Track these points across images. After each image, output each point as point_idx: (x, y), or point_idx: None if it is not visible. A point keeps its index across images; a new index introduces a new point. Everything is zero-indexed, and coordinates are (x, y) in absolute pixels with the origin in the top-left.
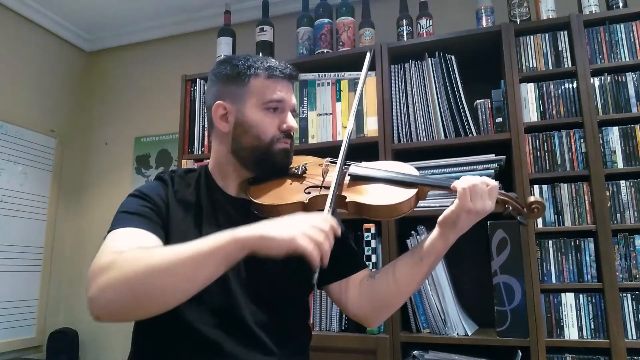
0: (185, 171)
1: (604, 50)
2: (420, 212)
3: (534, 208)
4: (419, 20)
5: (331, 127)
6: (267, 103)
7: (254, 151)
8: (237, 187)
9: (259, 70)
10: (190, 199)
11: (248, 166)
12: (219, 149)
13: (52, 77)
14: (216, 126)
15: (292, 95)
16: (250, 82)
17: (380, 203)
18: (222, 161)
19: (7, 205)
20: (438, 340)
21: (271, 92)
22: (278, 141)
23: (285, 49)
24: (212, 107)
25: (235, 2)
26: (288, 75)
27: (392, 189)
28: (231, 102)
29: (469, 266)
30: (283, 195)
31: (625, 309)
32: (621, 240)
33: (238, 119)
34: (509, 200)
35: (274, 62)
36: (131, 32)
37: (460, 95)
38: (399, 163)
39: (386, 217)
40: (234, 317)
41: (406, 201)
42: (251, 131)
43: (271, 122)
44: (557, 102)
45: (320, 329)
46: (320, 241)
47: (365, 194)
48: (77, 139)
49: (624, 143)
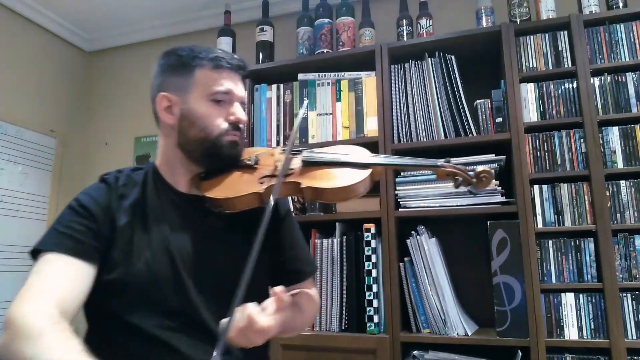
0: (132, 169)
1: (604, 50)
2: (420, 212)
3: (482, 177)
4: (419, 20)
5: (331, 127)
6: (213, 95)
7: (201, 144)
8: (187, 183)
9: (204, 61)
10: (135, 200)
11: (197, 160)
12: (166, 143)
13: (52, 77)
14: (161, 118)
15: (241, 87)
16: (195, 73)
17: (336, 185)
18: (170, 156)
19: (7, 205)
20: (438, 340)
21: (217, 83)
22: (226, 134)
23: (285, 49)
24: (156, 98)
25: (235, 2)
26: (235, 66)
27: (347, 171)
28: (175, 94)
29: (469, 266)
30: (237, 187)
31: (625, 309)
32: (621, 240)
33: (183, 111)
34: (457, 172)
35: (220, 52)
36: (131, 32)
37: (460, 95)
38: (352, 146)
39: (343, 199)
40: (193, 319)
41: (361, 182)
42: (197, 123)
43: (218, 114)
44: (557, 102)
45: (320, 329)
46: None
47: (320, 179)
48: (77, 139)
49: (624, 143)
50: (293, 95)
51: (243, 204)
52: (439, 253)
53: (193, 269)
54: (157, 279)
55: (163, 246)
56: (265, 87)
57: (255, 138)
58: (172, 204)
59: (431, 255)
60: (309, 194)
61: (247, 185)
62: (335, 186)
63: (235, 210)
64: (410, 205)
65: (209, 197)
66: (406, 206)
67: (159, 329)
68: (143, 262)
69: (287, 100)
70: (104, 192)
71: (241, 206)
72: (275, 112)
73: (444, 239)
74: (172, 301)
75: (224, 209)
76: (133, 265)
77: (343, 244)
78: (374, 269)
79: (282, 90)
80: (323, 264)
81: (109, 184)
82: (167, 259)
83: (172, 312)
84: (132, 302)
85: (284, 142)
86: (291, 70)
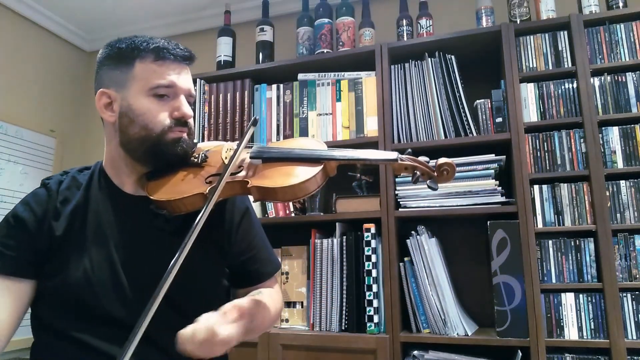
0: (78, 170)
1: (604, 50)
2: (421, 212)
3: (444, 170)
4: (419, 20)
5: (331, 127)
6: (153, 89)
7: (143, 143)
8: (134, 184)
9: (144, 52)
10: (77, 204)
11: (140, 160)
12: (109, 142)
13: (52, 77)
14: (102, 117)
15: (186, 78)
16: (135, 66)
17: (283, 184)
18: (113, 155)
19: (7, 205)
20: (438, 340)
21: (158, 76)
22: (170, 130)
23: (285, 49)
24: (96, 95)
25: (235, 2)
26: (180, 56)
27: (296, 168)
28: (115, 89)
29: (469, 266)
30: (182, 187)
31: (625, 309)
32: (621, 240)
33: (123, 107)
34: (417, 166)
35: (162, 42)
36: (131, 32)
37: (460, 95)
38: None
39: (293, 198)
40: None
41: (311, 178)
42: (138, 120)
43: (160, 109)
44: (557, 102)
45: (320, 329)
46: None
47: (268, 177)
48: (77, 139)
49: (624, 143)
50: (293, 95)
51: (188, 206)
52: (439, 253)
53: (136, 276)
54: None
55: (104, 252)
56: (265, 87)
57: (255, 138)
58: (117, 207)
59: (431, 255)
60: (257, 193)
61: (192, 186)
62: (283, 185)
63: (180, 212)
64: (410, 205)
65: (153, 199)
66: (406, 206)
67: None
68: (81, 271)
69: (287, 100)
70: (43, 200)
71: (186, 208)
72: (275, 112)
73: (444, 239)
74: (113, 310)
75: (169, 211)
76: (70, 276)
77: (343, 244)
78: (374, 269)
79: (282, 90)
80: (323, 264)
81: (49, 189)
82: (107, 266)
83: (113, 321)
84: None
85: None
86: (291, 70)
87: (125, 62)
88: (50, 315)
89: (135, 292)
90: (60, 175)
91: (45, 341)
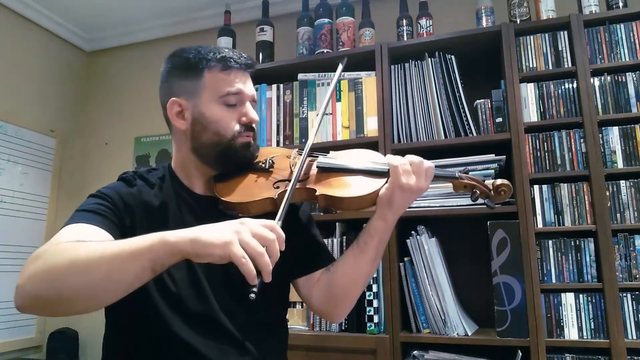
0: (147, 170)
1: (604, 50)
2: (421, 212)
3: (501, 191)
4: (419, 20)
5: (331, 127)
6: (223, 96)
7: (215, 148)
8: (203, 185)
9: (212, 62)
10: (154, 200)
11: (211, 163)
12: (180, 148)
13: (52, 77)
14: (173, 124)
15: (250, 85)
16: (204, 76)
17: (351, 195)
18: (185, 160)
19: (7, 205)
20: (438, 340)
21: (227, 84)
22: (239, 135)
23: (285, 49)
24: (167, 104)
25: (235, 2)
26: (244, 64)
27: (363, 179)
28: (186, 98)
29: (469, 266)
30: (251, 191)
31: (625, 309)
32: (621, 240)
33: (195, 115)
34: (476, 185)
35: (227, 51)
36: (131, 32)
37: (460, 95)
38: (369, 151)
39: (357, 208)
40: (211, 321)
41: (377, 191)
42: (210, 127)
43: (230, 116)
44: (557, 102)
45: (320, 329)
46: (258, 252)
47: (335, 186)
48: (77, 139)
49: (624, 143)
50: (293, 95)
51: (256, 208)
52: (439, 253)
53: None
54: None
55: None
56: (265, 87)
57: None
58: (189, 206)
59: (431, 255)
60: (323, 201)
61: (261, 189)
62: (351, 195)
63: (249, 214)
64: (410, 205)
65: (223, 200)
66: None
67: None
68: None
69: (287, 100)
70: (124, 187)
71: (255, 211)
72: (275, 112)
73: (444, 239)
74: (192, 303)
75: (238, 212)
76: None
77: (343, 243)
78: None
79: (282, 90)
80: None
81: (128, 181)
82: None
83: (192, 313)
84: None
85: (284, 143)
86: (291, 70)
87: (194, 71)
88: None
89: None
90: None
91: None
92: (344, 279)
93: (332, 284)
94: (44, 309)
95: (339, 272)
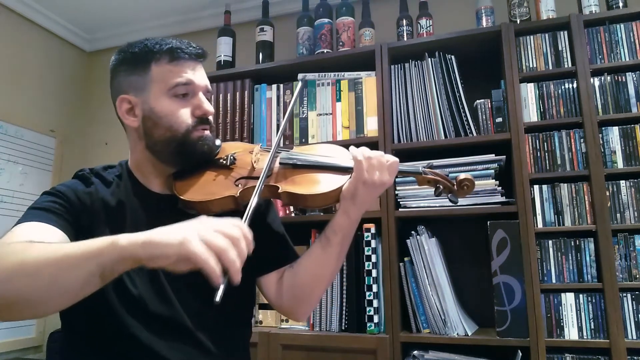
0: (104, 167)
1: (604, 50)
2: (420, 212)
3: (464, 185)
4: (419, 20)
5: (331, 127)
6: (172, 88)
7: (169, 144)
8: (162, 184)
9: (159, 55)
10: (111, 199)
11: (167, 161)
12: (135, 147)
13: (52, 77)
14: (125, 122)
15: (202, 75)
16: (152, 69)
17: (315, 192)
18: (140, 158)
19: (7, 205)
20: (438, 340)
21: (175, 75)
22: (194, 129)
23: (285, 49)
24: (116, 102)
25: (235, 2)
26: (194, 54)
27: (327, 175)
28: (135, 94)
29: (469, 266)
30: (212, 189)
31: (625, 309)
32: (621, 240)
33: (145, 111)
34: (439, 180)
35: (174, 42)
36: (131, 32)
37: (460, 95)
38: (334, 146)
39: (322, 206)
40: (174, 324)
41: (341, 187)
42: (161, 123)
43: (182, 109)
44: (557, 102)
45: (320, 329)
46: (222, 248)
47: (299, 183)
48: (77, 139)
49: (624, 143)
50: (293, 95)
51: (217, 207)
52: (439, 253)
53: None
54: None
55: None
56: (265, 87)
57: (255, 138)
58: (146, 206)
59: (431, 255)
60: (286, 198)
61: (222, 187)
62: (315, 192)
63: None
64: (410, 205)
65: (182, 198)
66: (406, 206)
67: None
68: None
69: (287, 100)
70: (79, 185)
71: (215, 209)
72: (275, 112)
73: (444, 239)
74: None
75: (198, 211)
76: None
77: None
78: (374, 269)
79: (282, 90)
80: None
81: (84, 178)
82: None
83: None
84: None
85: (284, 143)
86: (291, 70)
87: (142, 66)
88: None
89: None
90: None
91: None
92: (308, 276)
93: (296, 282)
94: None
95: (303, 270)
